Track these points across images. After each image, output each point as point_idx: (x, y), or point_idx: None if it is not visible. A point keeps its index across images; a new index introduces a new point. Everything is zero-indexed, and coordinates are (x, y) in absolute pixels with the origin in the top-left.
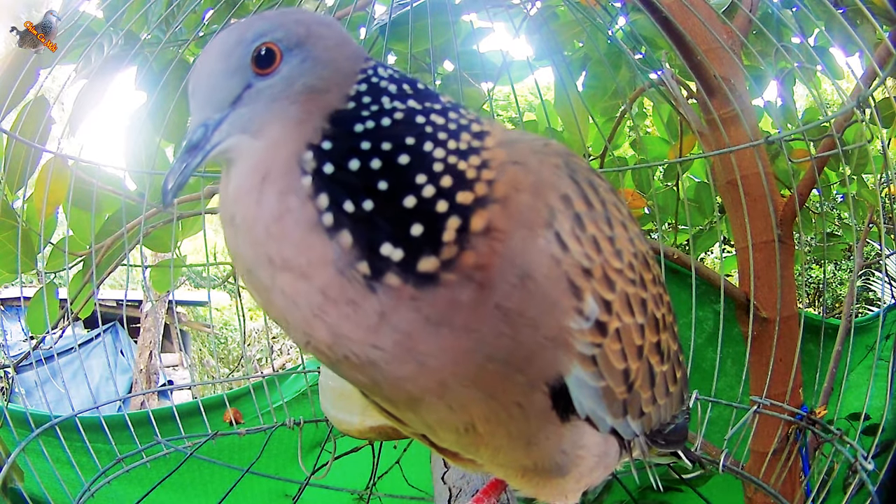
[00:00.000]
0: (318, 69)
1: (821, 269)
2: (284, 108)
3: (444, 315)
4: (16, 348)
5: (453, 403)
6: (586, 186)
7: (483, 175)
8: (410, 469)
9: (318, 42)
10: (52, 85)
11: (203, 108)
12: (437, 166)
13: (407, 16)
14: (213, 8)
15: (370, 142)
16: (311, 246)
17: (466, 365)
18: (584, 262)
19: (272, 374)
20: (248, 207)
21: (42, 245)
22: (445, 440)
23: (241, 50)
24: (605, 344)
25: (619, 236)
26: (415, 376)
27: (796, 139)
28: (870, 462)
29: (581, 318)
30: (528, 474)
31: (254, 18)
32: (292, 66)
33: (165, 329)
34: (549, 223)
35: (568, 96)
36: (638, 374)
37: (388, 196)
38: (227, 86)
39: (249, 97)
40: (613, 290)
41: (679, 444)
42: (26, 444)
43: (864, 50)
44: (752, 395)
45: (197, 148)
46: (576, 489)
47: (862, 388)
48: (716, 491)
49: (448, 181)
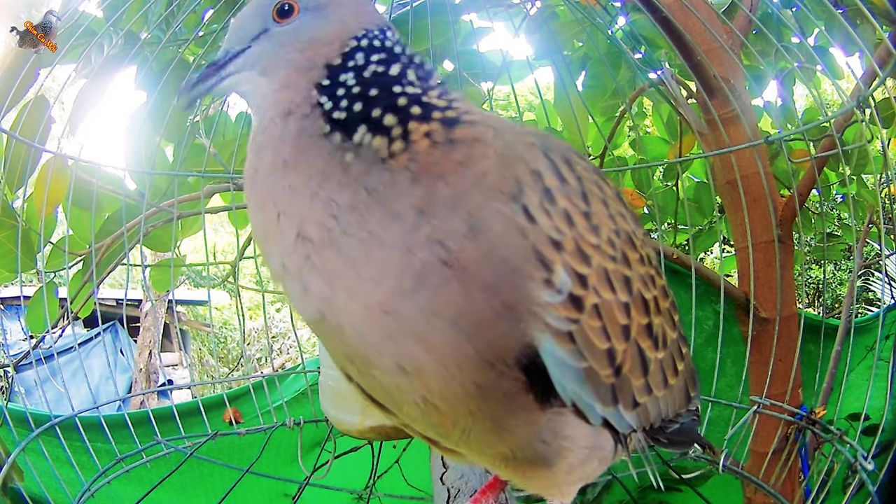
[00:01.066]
0: (325, 25)
1: (820, 269)
2: (290, 54)
3: (385, 194)
4: (16, 347)
5: (405, 363)
6: (560, 163)
7: (446, 114)
8: (410, 469)
9: (336, 9)
10: (52, 85)
11: (230, 38)
12: (401, 100)
13: (407, 15)
14: (213, 8)
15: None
16: (316, 146)
17: (408, 299)
18: (554, 234)
19: (272, 373)
20: (275, 131)
21: (42, 244)
22: (416, 421)
23: (269, 1)
24: (583, 320)
25: (596, 212)
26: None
27: (796, 139)
28: (869, 462)
29: (551, 290)
30: (510, 464)
31: None
32: (304, 20)
33: (165, 328)
34: (515, 196)
35: (568, 96)
36: (626, 357)
37: (364, 111)
38: (251, 26)
39: (266, 38)
40: (588, 265)
41: (685, 447)
42: (26, 444)
43: (864, 50)
44: (751, 395)
45: (216, 69)
46: (568, 482)
47: (862, 389)
48: (716, 491)
49: (405, 103)
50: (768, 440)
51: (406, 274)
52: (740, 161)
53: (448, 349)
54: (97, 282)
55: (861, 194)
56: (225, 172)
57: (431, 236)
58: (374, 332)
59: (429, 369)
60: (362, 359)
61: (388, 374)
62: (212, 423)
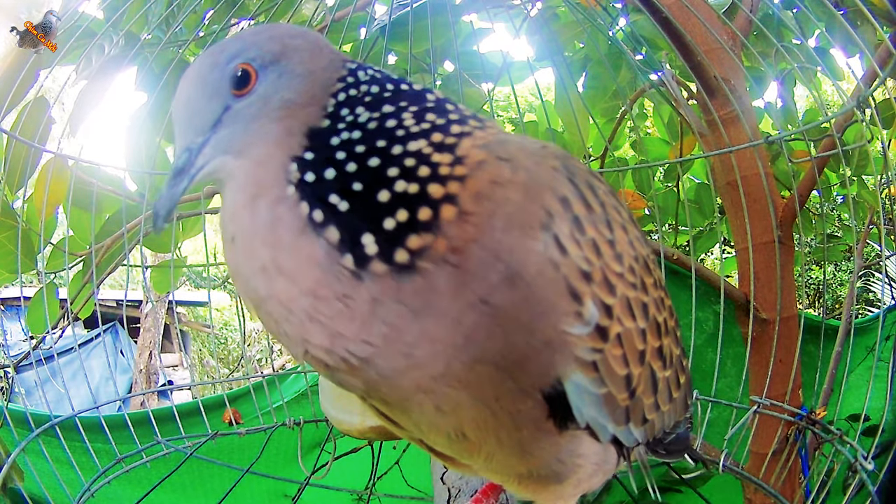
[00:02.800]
0: (294, 83)
1: (821, 270)
2: (264, 127)
3: (424, 303)
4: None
5: (443, 405)
6: (585, 189)
7: (455, 170)
8: (410, 469)
9: (293, 56)
10: (53, 85)
11: (185, 133)
12: (408, 162)
13: (407, 16)
14: (214, 8)
15: (344, 151)
16: (299, 248)
17: (453, 361)
18: (584, 265)
19: (272, 374)
20: (244, 221)
21: (42, 245)
22: (438, 444)
23: (217, 73)
24: (606, 349)
25: (619, 239)
26: (404, 370)
27: (796, 139)
28: (870, 462)
29: (581, 323)
30: (524, 481)
31: (227, 40)
32: (268, 83)
33: (165, 329)
34: (546, 225)
35: (568, 97)
36: (640, 380)
37: (364, 195)
38: (207, 110)
39: (229, 119)
40: (614, 295)
41: (679, 455)
42: (26, 444)
43: (865, 51)
44: (751, 396)
45: (183, 172)
46: (574, 494)
47: (862, 389)
48: (716, 491)
49: (418, 177)
50: (768, 441)
51: (457, 340)
52: (740, 162)
53: (489, 388)
54: (97, 283)
55: (861, 195)
56: None
57: (475, 301)
58: (415, 389)
59: (467, 406)
60: (399, 405)
61: (426, 414)
62: (212, 424)
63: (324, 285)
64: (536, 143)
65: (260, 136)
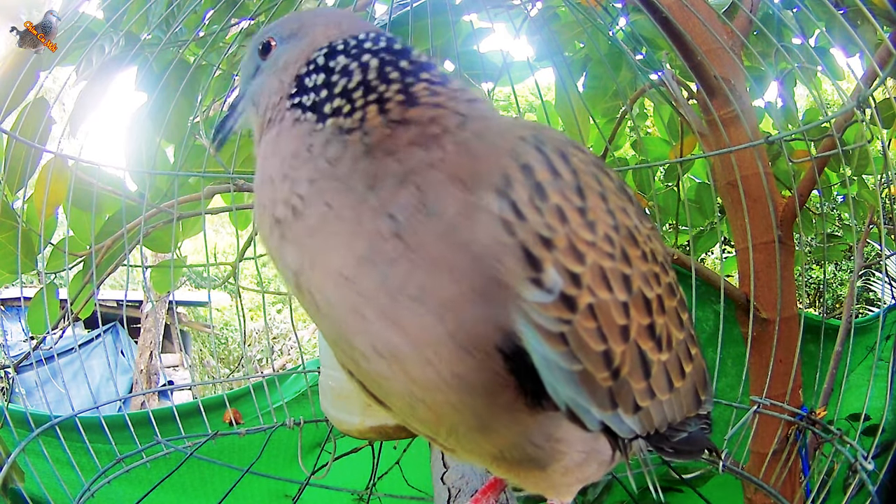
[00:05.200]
0: (295, 48)
1: (821, 269)
2: (270, 82)
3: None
4: (16, 348)
5: (381, 347)
6: (554, 156)
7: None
8: (410, 469)
9: (307, 31)
10: (53, 85)
11: (242, 83)
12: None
13: (407, 16)
14: (214, 8)
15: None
16: (294, 134)
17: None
18: (544, 231)
19: (272, 374)
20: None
21: (42, 245)
22: (401, 412)
23: (254, 45)
24: (576, 321)
25: (592, 207)
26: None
27: (796, 139)
28: (870, 462)
29: (540, 290)
30: (501, 463)
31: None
32: (280, 50)
33: (166, 329)
34: (501, 191)
35: (569, 97)
36: (625, 359)
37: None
38: (249, 68)
39: (258, 75)
40: (583, 263)
41: (692, 456)
42: (26, 444)
43: (865, 50)
44: (752, 396)
45: (233, 108)
46: (565, 483)
47: (862, 389)
48: (716, 491)
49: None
50: (769, 440)
51: (358, 242)
52: (741, 161)
53: (419, 331)
54: (97, 283)
55: (861, 195)
56: (225, 173)
57: (378, 208)
58: (340, 303)
59: (404, 352)
60: (344, 341)
61: (369, 359)
62: (212, 424)
63: (300, 146)
64: (510, 119)
65: (267, 89)
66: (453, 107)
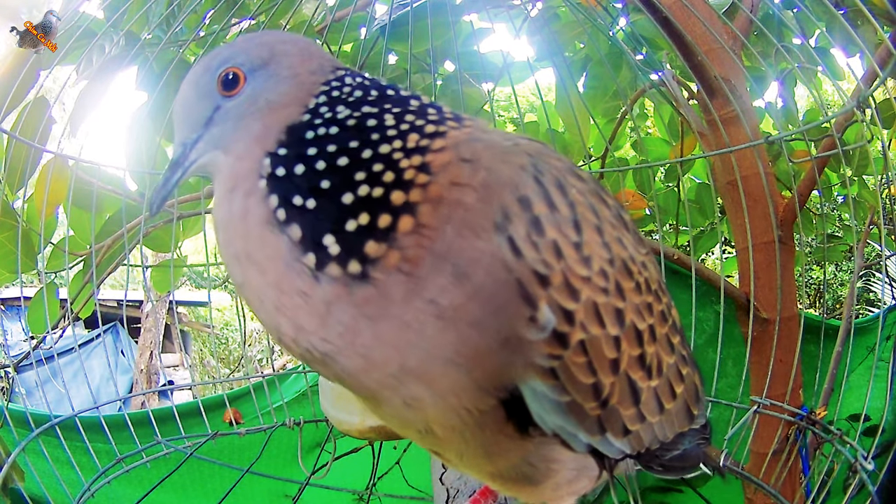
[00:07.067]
0: (279, 85)
1: (821, 269)
2: (249, 125)
3: (377, 309)
4: (16, 348)
5: (408, 400)
6: (552, 188)
7: (418, 179)
8: (410, 469)
9: (281, 60)
10: (53, 85)
11: (182, 130)
12: (376, 167)
13: (407, 16)
14: (214, 8)
15: (316, 147)
16: (266, 241)
17: (410, 360)
18: (540, 268)
19: (272, 374)
20: (223, 212)
21: (42, 245)
22: (412, 439)
23: (208, 76)
24: (567, 356)
25: (588, 241)
26: (364, 369)
27: (797, 139)
28: (870, 462)
29: (535, 328)
30: (496, 479)
31: (220, 48)
32: (255, 85)
33: (166, 329)
34: (500, 227)
35: (569, 97)
36: (614, 390)
37: (331, 194)
38: (199, 108)
39: (220, 117)
40: (576, 300)
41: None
42: (26, 444)
43: (865, 51)
44: (752, 396)
45: (178, 164)
46: (557, 496)
47: (862, 389)
48: (716, 491)
49: (382, 182)
50: (769, 440)
51: (409, 340)
52: (741, 162)
53: (447, 383)
54: (98, 282)
55: (862, 195)
56: None
57: (424, 303)
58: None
59: (429, 401)
60: (366, 392)
61: (395, 408)
62: (212, 424)
63: (286, 280)
64: (510, 140)
65: (244, 133)
66: (458, 154)
